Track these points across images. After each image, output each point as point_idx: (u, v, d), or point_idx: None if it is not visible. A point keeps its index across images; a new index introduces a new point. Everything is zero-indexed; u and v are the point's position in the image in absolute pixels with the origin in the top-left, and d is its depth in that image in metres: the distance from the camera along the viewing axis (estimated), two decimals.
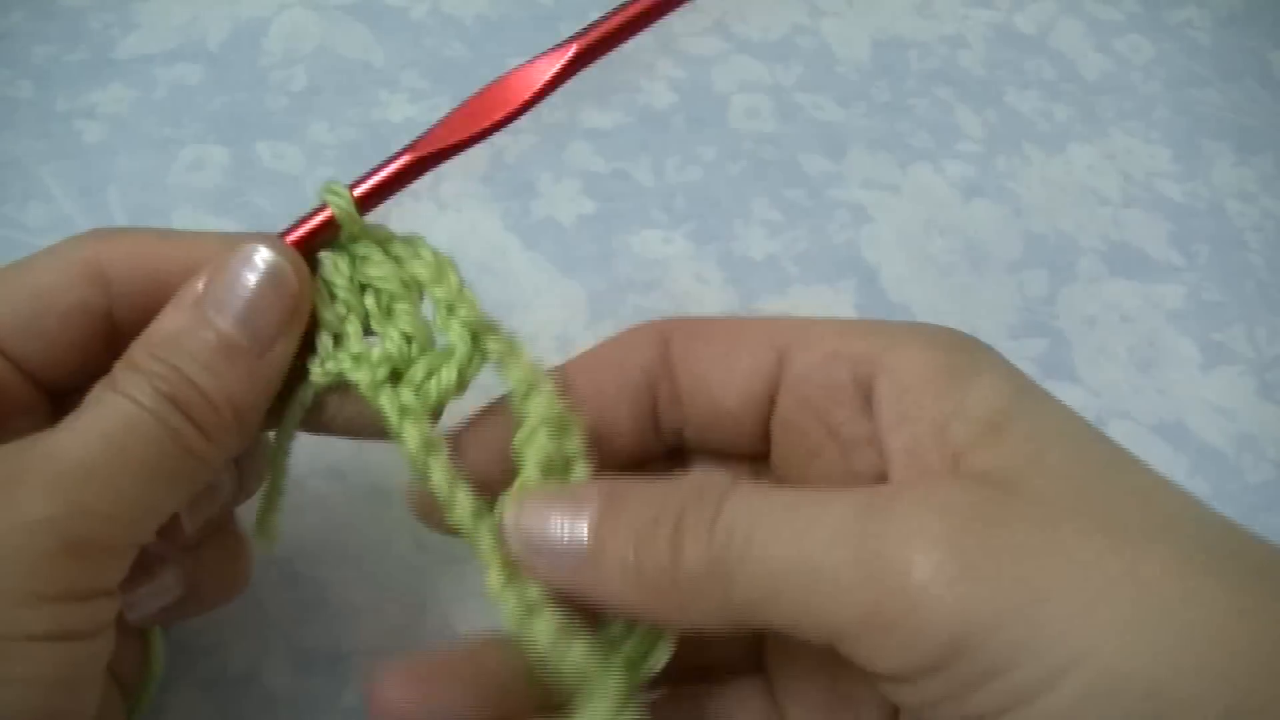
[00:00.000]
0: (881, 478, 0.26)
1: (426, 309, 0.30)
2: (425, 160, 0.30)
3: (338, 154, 0.47)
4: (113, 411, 0.26)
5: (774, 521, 0.23)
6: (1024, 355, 0.46)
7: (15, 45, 0.47)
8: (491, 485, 0.28)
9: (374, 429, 0.29)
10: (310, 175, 0.46)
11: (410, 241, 0.31)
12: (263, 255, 0.28)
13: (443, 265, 0.30)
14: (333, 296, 0.30)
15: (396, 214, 0.45)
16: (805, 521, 0.23)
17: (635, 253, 0.46)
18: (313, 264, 0.30)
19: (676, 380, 0.29)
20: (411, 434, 0.28)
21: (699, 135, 0.50)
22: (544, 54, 0.31)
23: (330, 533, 0.38)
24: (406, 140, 0.47)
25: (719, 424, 0.29)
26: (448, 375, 0.29)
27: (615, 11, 0.31)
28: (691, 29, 0.53)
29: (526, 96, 0.30)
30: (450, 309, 0.30)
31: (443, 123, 0.30)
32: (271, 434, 0.31)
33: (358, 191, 0.30)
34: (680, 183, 0.48)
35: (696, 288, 0.45)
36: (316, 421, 0.30)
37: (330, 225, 0.29)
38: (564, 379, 0.28)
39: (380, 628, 0.37)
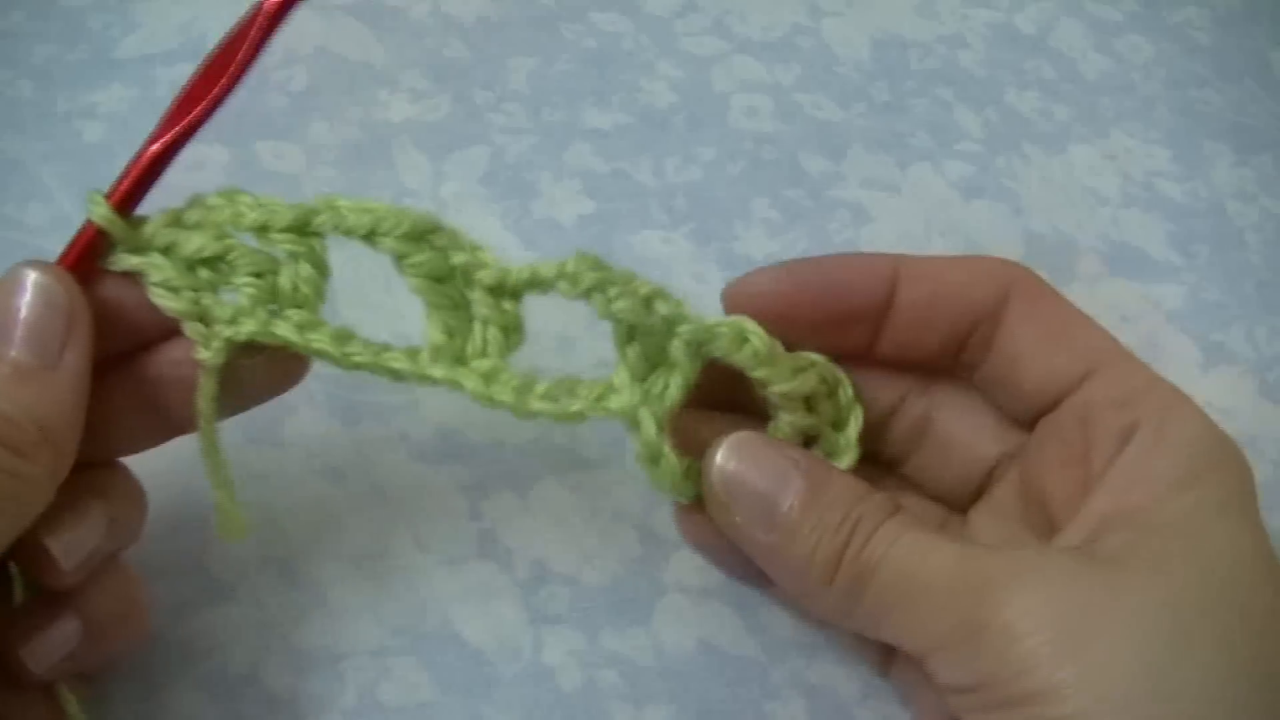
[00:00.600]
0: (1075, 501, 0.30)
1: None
2: (173, 145, 0.31)
3: (338, 154, 0.47)
4: None
5: (911, 546, 0.28)
6: None
7: (15, 45, 0.47)
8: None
9: (293, 371, 0.32)
10: (310, 175, 0.46)
11: (196, 203, 0.31)
12: (29, 278, 0.29)
13: (234, 203, 0.31)
14: (174, 289, 0.30)
15: None
16: (929, 557, 0.28)
17: (635, 253, 0.46)
18: (92, 271, 0.30)
19: (999, 335, 0.31)
20: (322, 340, 0.31)
21: (699, 135, 0.50)
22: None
23: (330, 533, 0.38)
24: (407, 139, 0.47)
25: (1004, 387, 0.32)
26: (305, 271, 0.31)
27: None
28: (691, 29, 0.54)
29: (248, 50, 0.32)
30: (263, 229, 0.31)
31: (176, 103, 0.31)
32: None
33: (115, 196, 0.30)
34: (680, 183, 0.48)
35: (696, 288, 0.45)
36: (238, 397, 0.32)
37: (102, 233, 0.30)
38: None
39: (380, 628, 0.37)
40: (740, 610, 0.39)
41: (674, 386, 0.32)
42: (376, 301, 0.40)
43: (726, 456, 0.31)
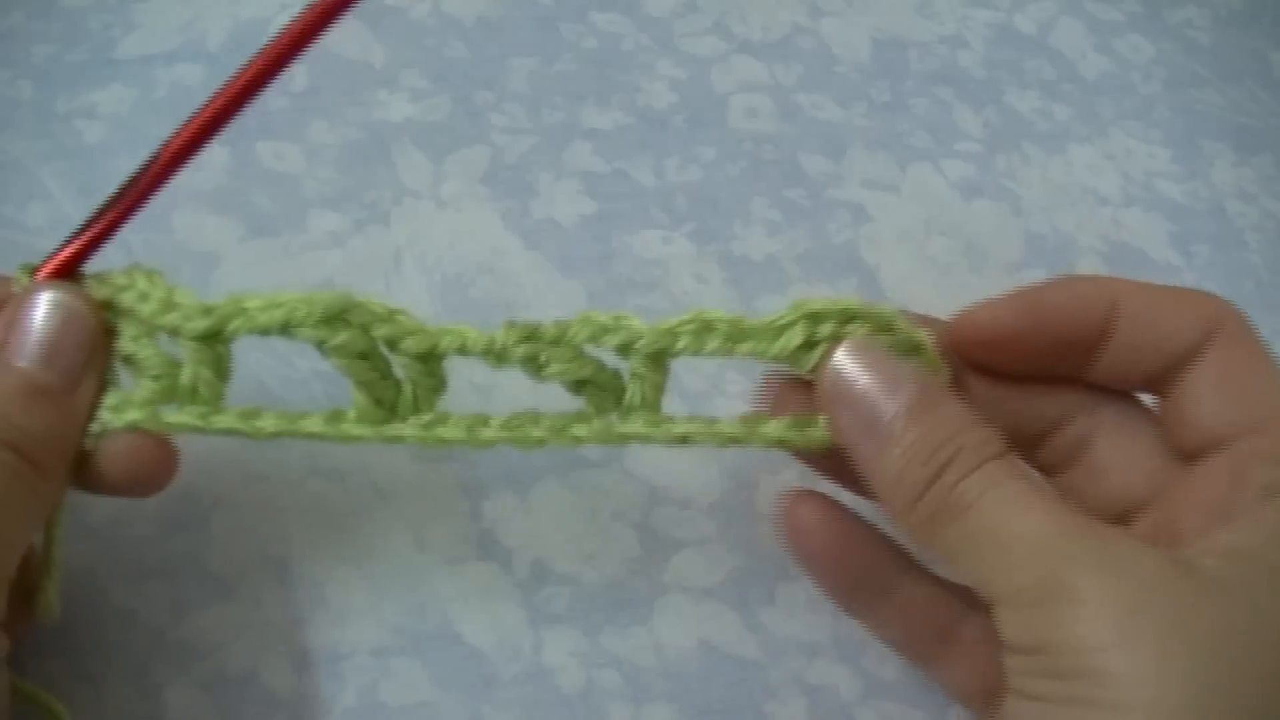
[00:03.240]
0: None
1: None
2: (108, 229, 0.31)
3: (338, 154, 0.47)
4: None
5: (1006, 498, 0.29)
6: None
7: (15, 45, 0.47)
8: None
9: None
10: (310, 175, 0.46)
11: (129, 283, 0.31)
12: (53, 297, 0.30)
13: (151, 298, 0.31)
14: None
15: (395, 213, 0.45)
16: (1022, 515, 0.28)
17: (635, 253, 0.46)
18: None
19: (1190, 372, 0.31)
20: (228, 420, 0.31)
21: (699, 135, 0.50)
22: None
23: (330, 533, 0.38)
24: (407, 140, 0.47)
25: (1176, 421, 0.32)
26: (204, 375, 0.31)
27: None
28: (691, 29, 0.54)
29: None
30: (174, 332, 0.31)
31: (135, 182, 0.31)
32: None
33: (42, 272, 0.31)
34: (680, 183, 0.48)
35: (696, 288, 0.45)
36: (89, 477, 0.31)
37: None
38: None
39: (380, 628, 0.37)
40: (740, 610, 0.39)
41: (650, 392, 0.32)
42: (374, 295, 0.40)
43: (844, 355, 0.31)
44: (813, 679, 0.38)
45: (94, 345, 0.30)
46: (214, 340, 0.31)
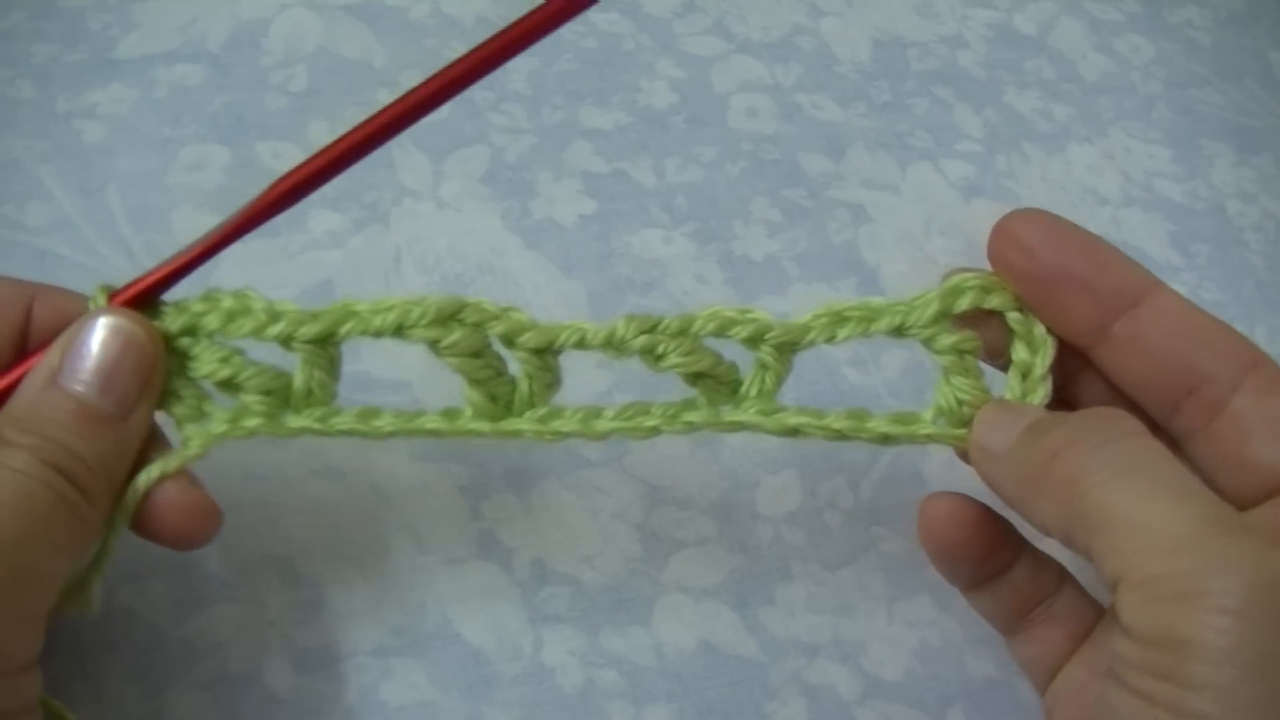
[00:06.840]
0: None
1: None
2: (196, 259, 0.31)
3: None
4: (4, 483, 0.27)
5: (1142, 478, 0.28)
6: None
7: (15, 45, 0.47)
8: None
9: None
10: None
11: (211, 306, 0.31)
12: (112, 322, 0.29)
13: (252, 312, 0.31)
14: (178, 397, 0.31)
15: (395, 213, 0.45)
16: (1165, 496, 0.27)
17: (635, 253, 0.46)
18: None
19: (1232, 406, 0.31)
20: (347, 422, 0.31)
21: (699, 135, 0.50)
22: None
23: (330, 533, 0.38)
24: (407, 140, 0.47)
25: (1230, 460, 0.32)
26: (319, 376, 0.31)
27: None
28: (691, 29, 0.54)
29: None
30: (286, 341, 0.31)
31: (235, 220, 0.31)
32: None
33: (121, 296, 0.31)
34: (680, 183, 0.48)
35: (696, 288, 0.45)
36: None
37: None
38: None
39: (380, 628, 0.37)
40: (740, 610, 0.39)
41: (770, 382, 0.33)
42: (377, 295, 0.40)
43: (976, 424, 0.33)
44: (813, 679, 0.38)
45: (150, 374, 0.30)
46: (325, 343, 0.31)
